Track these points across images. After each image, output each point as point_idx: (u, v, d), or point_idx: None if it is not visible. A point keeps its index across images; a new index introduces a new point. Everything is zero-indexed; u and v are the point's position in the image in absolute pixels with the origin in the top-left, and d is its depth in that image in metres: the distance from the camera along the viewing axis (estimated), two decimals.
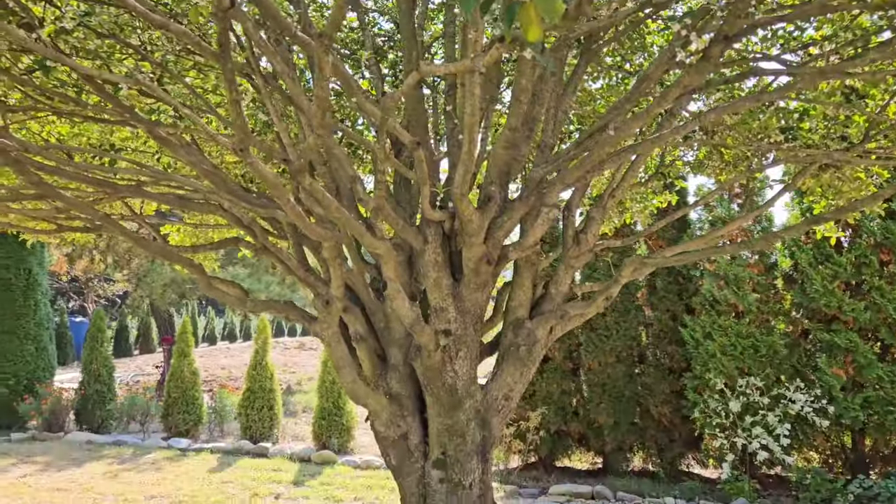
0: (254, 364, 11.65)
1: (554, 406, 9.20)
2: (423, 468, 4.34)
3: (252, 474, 9.46)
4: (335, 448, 10.62)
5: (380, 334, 4.43)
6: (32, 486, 8.69)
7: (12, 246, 12.84)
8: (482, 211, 3.83)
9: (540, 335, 4.37)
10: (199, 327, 37.25)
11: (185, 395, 12.08)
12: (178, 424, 11.98)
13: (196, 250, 4.73)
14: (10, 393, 12.38)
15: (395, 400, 4.33)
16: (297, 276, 4.22)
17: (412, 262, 4.64)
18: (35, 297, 13.07)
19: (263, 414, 11.39)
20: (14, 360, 12.58)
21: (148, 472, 9.57)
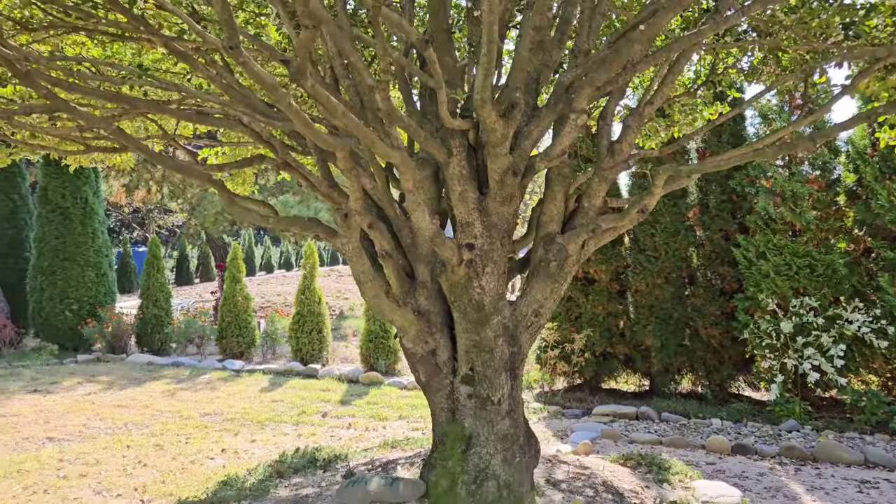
0: (302, 289, 11.84)
1: (600, 328, 9.08)
2: (452, 384, 4.31)
3: (301, 394, 9.72)
4: (382, 370, 10.80)
5: (407, 251, 4.34)
6: (96, 403, 9.13)
7: (67, 175, 13.20)
8: (506, 119, 3.63)
9: (571, 250, 4.21)
10: (256, 256, 38.21)
11: (238, 320, 12.42)
12: (232, 347, 12.37)
13: (222, 168, 4.67)
14: (74, 317, 12.94)
15: (423, 316, 4.27)
16: (320, 191, 4.13)
17: (439, 178, 4.50)
18: (93, 226, 13.47)
19: (313, 337, 11.63)
20: (76, 287, 13.10)
21: (203, 392, 9.93)
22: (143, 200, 24.31)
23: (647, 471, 5.25)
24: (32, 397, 9.48)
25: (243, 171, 7.34)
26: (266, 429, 7.95)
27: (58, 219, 13.09)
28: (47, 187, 13.18)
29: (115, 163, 6.56)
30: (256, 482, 5.12)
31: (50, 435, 7.65)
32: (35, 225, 13.53)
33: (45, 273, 13.08)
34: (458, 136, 3.91)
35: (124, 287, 27.81)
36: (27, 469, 6.45)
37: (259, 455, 6.91)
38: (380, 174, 4.01)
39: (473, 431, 4.20)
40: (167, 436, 7.60)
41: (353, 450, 6.24)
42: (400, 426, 8.06)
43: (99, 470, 6.44)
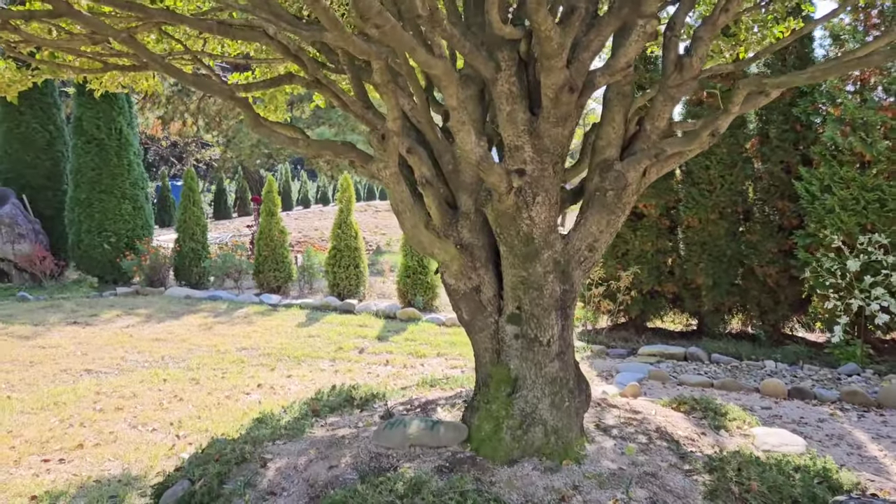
0: (338, 223, 11.59)
1: (647, 265, 8.66)
2: (497, 323, 3.99)
3: (338, 329, 9.57)
4: (420, 306, 10.58)
5: (448, 178, 3.97)
6: (134, 336, 9.11)
7: (101, 106, 12.99)
8: (563, 26, 3.18)
9: (631, 178, 3.79)
10: (292, 191, 38.18)
11: (275, 254, 12.27)
12: (269, 281, 12.27)
13: (248, 88, 4.31)
14: (113, 250, 12.94)
15: (467, 250, 3.93)
16: (353, 111, 3.75)
17: (484, 98, 4.08)
18: (128, 157, 13.33)
19: (350, 272, 11.43)
20: (113, 219, 13.06)
21: (240, 326, 9.85)
22: (179, 133, 24.17)
23: (701, 416, 4.93)
24: (72, 329, 9.50)
25: (275, 98, 6.95)
26: (303, 364, 7.82)
27: (93, 150, 12.96)
28: (81, 118, 13.01)
29: (143, 88, 6.24)
30: (292, 420, 4.94)
31: (88, 367, 7.63)
32: (71, 156, 13.44)
33: (82, 205, 13.04)
34: (507, 47, 3.48)
35: (164, 221, 28.05)
36: (64, 401, 6.40)
37: (295, 391, 6.77)
38: (419, 92, 3.60)
39: (520, 374, 3.90)
40: (203, 370, 7.51)
41: (391, 388, 6.03)
42: (438, 364, 7.85)
43: (135, 403, 6.37)
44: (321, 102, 7.25)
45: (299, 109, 18.15)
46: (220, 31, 3.41)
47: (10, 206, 13.05)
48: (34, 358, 7.99)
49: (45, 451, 5.19)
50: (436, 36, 2.94)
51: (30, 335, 9.11)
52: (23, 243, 12.86)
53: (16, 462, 4.98)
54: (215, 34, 3.44)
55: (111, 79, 6.28)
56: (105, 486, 4.54)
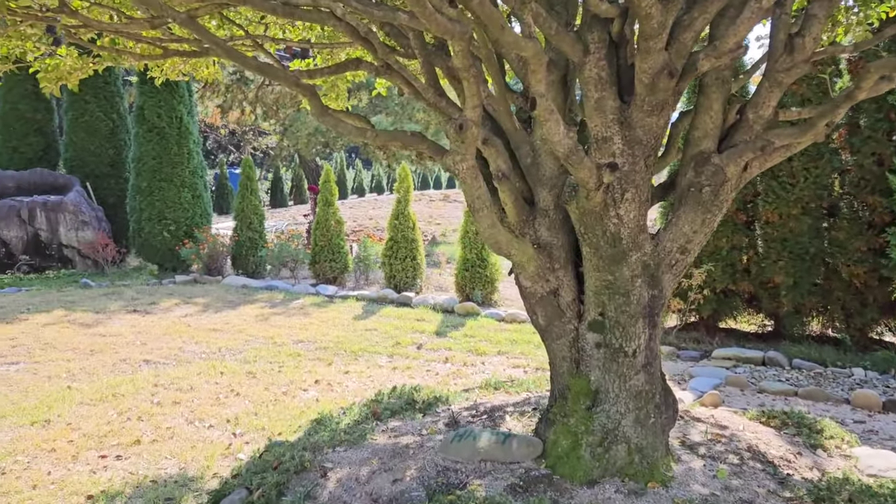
0: (395, 214, 11.36)
1: (722, 262, 8.16)
2: (577, 330, 3.66)
3: (395, 323, 9.36)
4: (479, 300, 10.29)
5: (526, 172, 3.65)
6: (191, 326, 9.07)
7: (163, 95, 13.05)
8: (665, 2, 2.82)
9: (730, 172, 3.41)
10: (347, 179, 38.29)
11: (331, 244, 12.14)
12: (325, 272, 12.15)
13: (312, 75, 4.07)
14: (172, 238, 13.02)
15: (544, 250, 3.61)
16: (425, 99, 3.47)
17: (567, 85, 3.74)
18: (188, 146, 13.37)
19: (406, 264, 11.21)
20: (173, 207, 13.13)
21: (296, 317, 9.73)
22: (237, 121, 24.37)
23: (795, 432, 4.51)
24: (132, 317, 9.53)
25: (336, 86, 6.72)
26: (360, 359, 7.62)
27: (154, 139, 13.04)
28: (143, 106, 13.10)
29: (203, 76, 6.08)
30: (352, 424, 4.72)
31: (146, 357, 7.58)
32: (133, 145, 13.56)
33: (143, 193, 13.15)
34: (597, 28, 3.13)
35: (222, 208, 28.42)
36: (122, 393, 6.34)
37: (353, 388, 6.57)
38: (497, 78, 3.29)
39: (601, 386, 3.57)
40: (260, 363, 7.38)
41: (453, 390, 5.77)
42: (499, 362, 7.55)
43: (192, 397, 6.26)
44: (382, 90, 6.99)
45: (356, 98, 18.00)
46: (284, 13, 3.16)
47: (74, 193, 13.24)
48: (95, 346, 8.00)
49: (102, 446, 5.09)
50: (525, 14, 2.62)
51: (91, 323, 9.17)
52: (86, 230, 13.04)
53: (73, 457, 4.90)
54: (279, 16, 3.19)
55: (172, 66, 6.14)
56: (161, 486, 4.40)
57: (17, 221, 12.73)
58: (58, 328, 8.82)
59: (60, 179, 13.81)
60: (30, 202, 12.84)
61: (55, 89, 5.15)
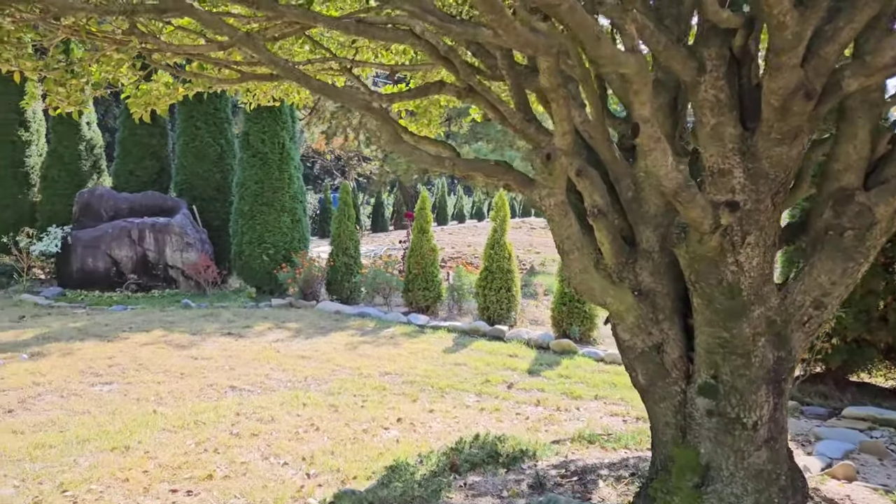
0: (491, 243, 10.99)
1: (854, 309, 7.26)
2: (685, 393, 3.14)
3: (486, 358, 8.93)
4: (576, 336, 9.72)
5: (626, 208, 3.18)
6: (280, 352, 8.99)
7: (266, 121, 13.33)
8: (803, 9, 2.32)
9: (879, 214, 2.82)
10: (448, 205, 38.35)
11: (425, 272, 11.90)
12: (417, 300, 11.91)
13: (392, 99, 3.78)
14: (271, 261, 13.18)
15: (646, 298, 3.12)
16: (511, 124, 3.09)
17: (677, 110, 3.25)
18: (289, 171, 13.57)
19: (501, 295, 10.79)
20: (273, 231, 13.32)
21: (385, 347, 9.50)
22: (341, 147, 24.86)
23: None
24: (225, 340, 9.58)
25: (428, 112, 6.46)
26: (446, 397, 7.25)
27: (257, 164, 13.31)
28: (248, 132, 13.42)
29: (294, 101, 5.97)
30: (427, 475, 4.34)
31: (233, 383, 7.51)
32: (238, 169, 13.91)
33: (245, 217, 13.42)
34: (715, 42, 2.66)
35: (324, 232, 29.00)
36: (204, 421, 6.23)
37: (436, 430, 6.20)
38: (595, 100, 2.87)
39: (712, 461, 3.02)
40: (344, 395, 7.14)
41: (543, 440, 5.29)
42: (596, 408, 6.98)
43: (271, 430, 6.06)
44: (477, 116, 6.67)
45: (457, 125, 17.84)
46: (358, 32, 2.87)
47: (181, 216, 13.68)
48: (185, 369, 8.02)
49: (175, 479, 4.94)
50: (627, 24, 2.20)
51: (186, 344, 9.27)
52: (190, 252, 13.42)
53: (145, 490, 4.76)
54: (352, 34, 2.91)
55: (263, 92, 6.06)
56: None
57: (128, 242, 13.27)
58: (154, 348, 8.95)
59: (169, 202, 14.34)
60: (140, 223, 13.37)
61: (145, 115, 5.13)
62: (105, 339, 9.37)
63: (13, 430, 5.97)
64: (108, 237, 13.25)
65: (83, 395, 6.98)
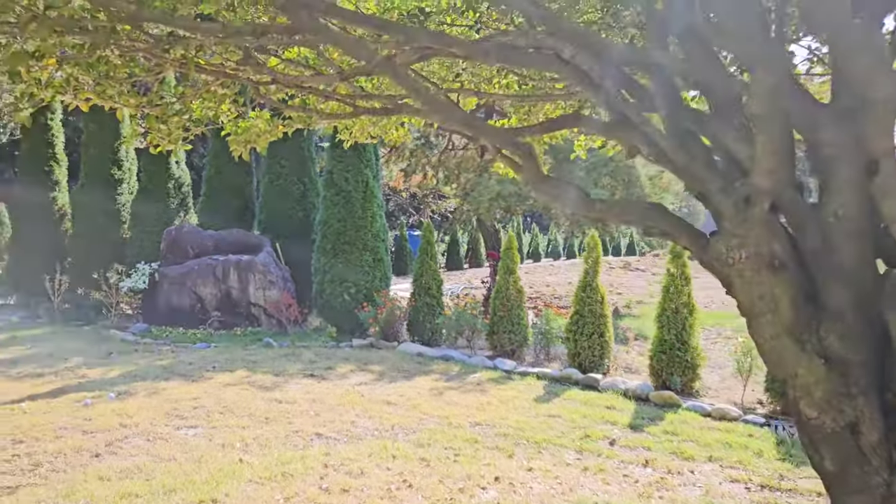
0: (583, 285, 10.45)
1: None
2: (888, 485, 2.58)
3: (582, 410, 8.36)
4: (677, 387, 9.04)
5: (810, 258, 2.68)
6: (365, 397, 8.66)
7: (350, 159, 13.28)
8: None
9: None
10: (523, 244, 37.86)
11: (511, 314, 11.45)
12: (503, 343, 11.44)
13: (521, 132, 3.41)
14: (352, 300, 12.99)
15: (837, 368, 2.59)
16: (672, 161, 2.66)
17: None
18: (372, 210, 13.44)
19: (593, 341, 10.21)
20: (355, 270, 13.16)
21: (472, 394, 9.04)
22: (419, 185, 24.83)
23: None
24: (308, 382, 9.33)
25: None
26: (544, 453, 6.73)
27: (340, 202, 13.24)
28: (332, 171, 13.39)
29: (392, 139, 5.69)
30: None
31: (319, 430, 7.20)
32: (320, 207, 13.88)
33: (327, 255, 13.32)
34: None
35: (400, 269, 28.97)
36: (291, 472, 5.91)
37: (538, 491, 5.69)
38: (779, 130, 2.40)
39: None
40: (434, 448, 6.71)
41: None
42: (712, 472, 6.32)
43: (362, 485, 5.68)
44: (583, 153, 6.25)
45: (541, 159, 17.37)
46: (499, 58, 2.52)
47: (264, 253, 13.70)
48: (270, 413, 7.78)
49: None
50: None
51: (269, 386, 9.06)
52: (272, 290, 13.38)
53: None
54: (492, 62, 2.56)
55: (361, 129, 5.82)
56: None
57: (213, 279, 13.33)
58: (238, 390, 8.77)
59: (253, 240, 14.41)
60: (224, 261, 13.43)
61: (245, 152, 4.93)
62: (189, 379, 9.26)
63: (100, 475, 5.79)
64: (194, 274, 13.35)
65: (169, 440, 6.79)
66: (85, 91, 3.88)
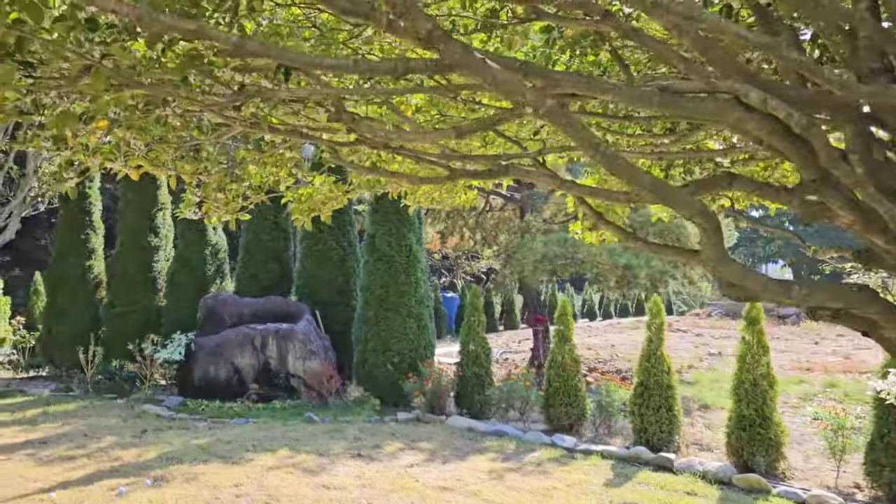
0: (646, 354, 9.73)
1: None
2: None
3: (660, 496, 7.55)
4: (761, 469, 8.19)
5: None
6: (419, 481, 7.95)
7: (393, 223, 12.86)
8: None
9: None
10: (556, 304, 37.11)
11: (567, 386, 10.71)
12: (559, 417, 10.67)
13: (696, 191, 2.83)
14: (395, 370, 12.35)
15: None
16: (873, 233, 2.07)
17: None
18: (415, 275, 12.93)
19: (661, 415, 9.42)
20: (398, 338, 12.55)
21: (534, 476, 8.28)
22: (454, 247, 24.39)
23: None
24: (355, 464, 8.63)
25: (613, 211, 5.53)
26: None
27: (383, 267, 12.76)
28: (374, 235, 12.96)
29: (460, 203, 5.19)
30: None
31: None
32: (361, 273, 13.41)
33: (369, 323, 12.77)
34: None
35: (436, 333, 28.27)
36: None
37: None
38: None
39: None
40: None
41: None
42: None
43: None
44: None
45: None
46: (662, 104, 1.98)
47: (304, 322, 13.18)
48: (319, 501, 7.10)
49: None
50: None
51: (315, 469, 8.38)
52: (313, 360, 12.80)
53: None
54: (654, 107, 2.03)
55: (426, 193, 5.33)
56: None
57: (251, 349, 12.80)
58: (281, 474, 8.10)
59: (292, 307, 13.92)
60: (263, 330, 12.92)
61: (307, 222, 4.44)
62: (229, 461, 8.63)
63: None
64: (231, 344, 12.84)
65: None
66: (136, 157, 3.42)
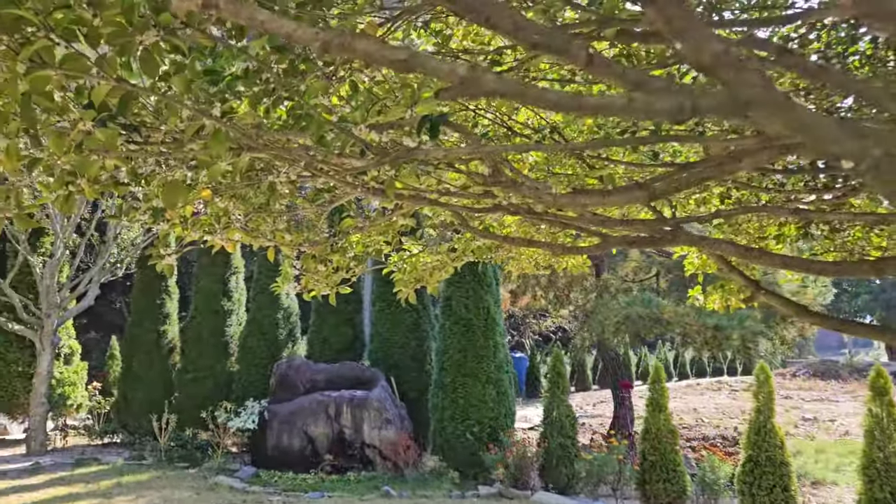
0: (755, 427, 8.87)
1: None
2: None
3: None
4: None
5: None
6: None
7: (470, 285, 12.42)
8: None
9: None
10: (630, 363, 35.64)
11: (664, 459, 9.87)
12: (657, 495, 9.81)
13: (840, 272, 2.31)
14: (475, 440, 11.69)
15: None
16: None
17: None
18: (494, 339, 12.39)
19: (775, 495, 8.51)
20: (477, 406, 11.94)
21: None
22: (524, 307, 23.74)
23: None
24: None
25: None
26: None
27: (460, 331, 12.25)
28: (451, 297, 12.52)
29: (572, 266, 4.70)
30: None
31: None
32: (437, 337, 12.94)
33: (446, 389, 12.21)
34: None
35: None
36: None
37: None
38: None
39: None
40: None
41: None
42: None
43: None
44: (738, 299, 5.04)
45: None
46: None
47: (379, 388, 12.72)
48: None
49: None
50: None
51: None
52: (389, 429, 12.28)
53: None
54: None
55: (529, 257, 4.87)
56: None
57: (324, 417, 12.38)
58: None
59: (367, 373, 13.49)
60: (337, 397, 12.51)
61: (411, 294, 4.03)
62: None
63: None
64: (305, 412, 12.46)
65: None
66: (234, 228, 3.06)
